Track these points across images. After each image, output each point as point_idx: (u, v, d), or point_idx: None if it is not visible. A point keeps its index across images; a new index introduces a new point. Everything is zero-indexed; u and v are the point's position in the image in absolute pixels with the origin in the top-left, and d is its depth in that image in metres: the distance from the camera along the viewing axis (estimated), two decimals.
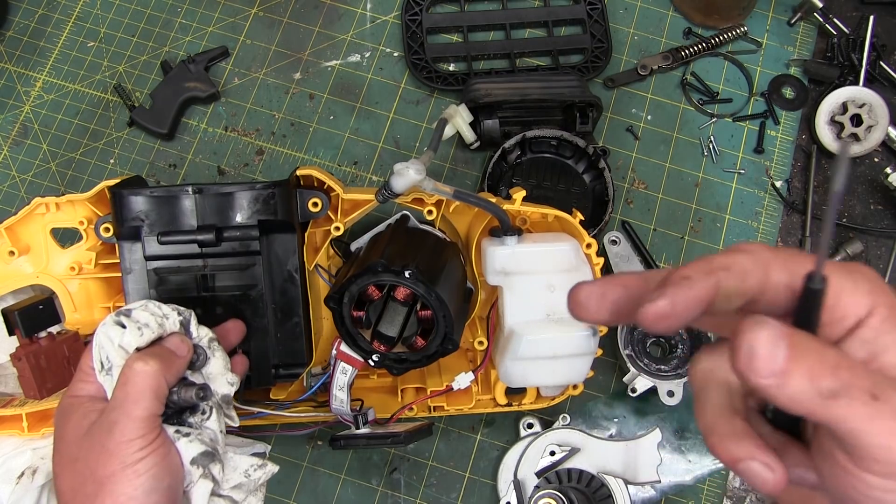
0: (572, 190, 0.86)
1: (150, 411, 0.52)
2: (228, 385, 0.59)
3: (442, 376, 0.75)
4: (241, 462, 0.58)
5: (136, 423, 0.51)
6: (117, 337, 0.54)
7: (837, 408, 0.29)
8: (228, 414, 0.59)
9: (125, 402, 0.52)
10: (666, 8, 0.96)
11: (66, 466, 0.53)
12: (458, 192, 0.66)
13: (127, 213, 0.66)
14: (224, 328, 0.65)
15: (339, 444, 0.70)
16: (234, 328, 0.66)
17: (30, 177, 0.91)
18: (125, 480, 0.50)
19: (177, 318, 0.58)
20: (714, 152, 0.90)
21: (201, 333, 0.59)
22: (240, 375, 0.62)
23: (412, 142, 0.91)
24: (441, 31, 0.95)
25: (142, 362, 0.52)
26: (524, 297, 0.69)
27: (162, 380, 0.53)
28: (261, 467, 0.59)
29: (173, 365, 0.55)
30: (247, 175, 0.90)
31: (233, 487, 0.57)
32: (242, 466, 0.58)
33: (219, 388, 0.58)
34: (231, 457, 0.58)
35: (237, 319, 0.66)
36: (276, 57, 0.95)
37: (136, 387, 0.52)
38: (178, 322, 0.58)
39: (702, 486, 0.79)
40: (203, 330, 0.59)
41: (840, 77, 0.91)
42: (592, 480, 0.74)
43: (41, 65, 0.95)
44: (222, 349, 0.59)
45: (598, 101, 0.84)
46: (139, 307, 0.57)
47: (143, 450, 0.51)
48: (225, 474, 0.56)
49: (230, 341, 0.65)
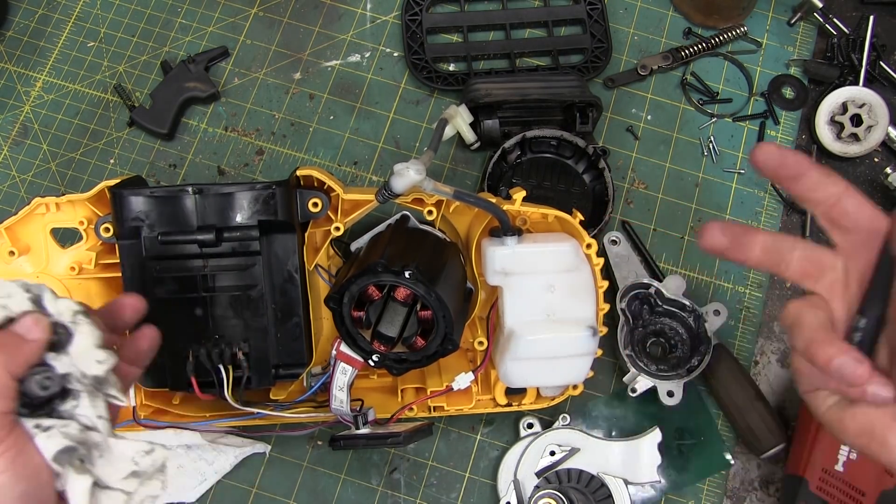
0: (572, 190, 0.86)
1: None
2: (97, 364, 0.50)
3: (442, 376, 0.75)
4: (126, 449, 0.51)
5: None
6: None
7: None
8: (109, 394, 0.51)
9: None
10: (666, 8, 0.96)
11: None
12: (458, 193, 0.66)
13: (127, 213, 0.66)
14: (118, 303, 0.57)
15: (339, 444, 0.71)
16: (130, 303, 0.57)
17: (30, 177, 0.91)
18: None
19: (24, 296, 0.50)
20: (714, 152, 0.90)
21: (60, 308, 0.51)
22: (147, 350, 0.55)
23: (412, 142, 0.91)
24: (441, 31, 0.95)
25: None
26: (524, 297, 0.69)
27: (4, 373, 0.46)
28: (148, 454, 0.52)
29: (21, 352, 0.47)
30: (247, 175, 0.90)
31: (124, 478, 0.51)
32: (128, 454, 0.51)
33: (87, 369, 0.50)
34: (115, 443, 0.51)
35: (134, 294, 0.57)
36: (276, 57, 0.95)
37: None
38: (27, 300, 0.50)
39: (702, 486, 0.79)
40: (63, 303, 0.51)
41: (840, 77, 0.91)
42: (592, 480, 0.74)
43: (41, 65, 0.95)
44: (90, 323, 0.51)
45: (598, 101, 0.84)
46: None
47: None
48: (112, 464, 0.50)
49: (125, 319, 0.56)
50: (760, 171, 0.47)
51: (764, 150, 0.46)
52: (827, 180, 0.45)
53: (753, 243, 0.47)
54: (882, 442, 0.43)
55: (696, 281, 0.86)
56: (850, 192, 0.45)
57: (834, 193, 0.45)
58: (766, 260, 0.47)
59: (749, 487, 0.79)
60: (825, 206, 0.45)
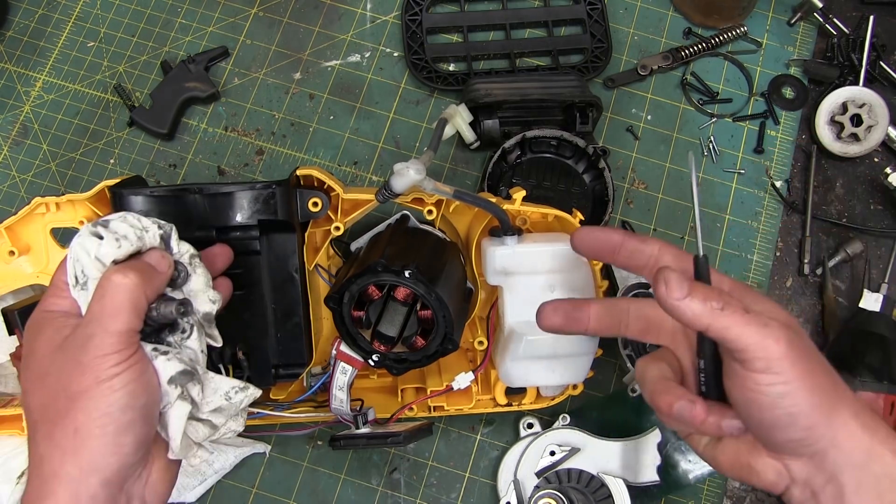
0: (572, 190, 0.86)
1: (128, 326, 0.49)
2: (210, 302, 0.56)
3: (442, 376, 0.75)
4: (221, 384, 0.54)
5: (112, 338, 0.48)
6: (94, 248, 0.51)
7: (723, 317, 0.44)
8: (210, 333, 0.56)
9: (102, 315, 0.49)
10: (666, 8, 0.96)
11: (35, 382, 0.50)
12: (458, 192, 0.66)
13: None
14: (211, 252, 0.61)
15: (339, 444, 0.71)
16: (221, 253, 0.62)
17: (30, 177, 0.91)
18: (99, 396, 0.47)
19: (157, 232, 0.54)
20: (714, 152, 0.90)
21: (182, 249, 0.56)
22: (224, 296, 0.59)
23: (412, 142, 0.91)
24: (441, 31, 0.95)
25: (121, 275, 0.49)
26: (524, 297, 0.69)
27: (141, 294, 0.49)
28: (242, 390, 0.55)
29: (153, 279, 0.51)
30: (247, 175, 0.90)
31: (212, 411, 0.54)
32: (223, 388, 0.54)
33: (200, 306, 0.55)
34: (212, 377, 0.54)
35: (224, 244, 0.63)
36: (276, 57, 0.95)
37: (114, 300, 0.49)
38: (159, 236, 0.54)
39: (702, 486, 0.79)
40: (184, 246, 0.56)
41: (840, 77, 0.91)
42: (592, 480, 0.74)
43: (41, 65, 0.95)
44: (204, 266, 0.56)
45: (598, 101, 0.84)
46: (118, 218, 0.53)
47: (119, 365, 0.48)
48: (205, 396, 0.53)
49: (217, 267, 0.61)
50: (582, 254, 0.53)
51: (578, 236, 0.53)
52: (641, 246, 0.50)
53: (585, 317, 0.53)
54: (749, 471, 0.48)
55: None
56: (665, 248, 0.50)
57: (651, 254, 0.50)
58: (603, 328, 0.53)
59: (749, 487, 0.79)
60: (649, 268, 0.50)
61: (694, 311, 0.44)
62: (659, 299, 0.45)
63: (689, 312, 0.44)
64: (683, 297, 0.44)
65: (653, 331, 0.53)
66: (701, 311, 0.44)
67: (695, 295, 0.44)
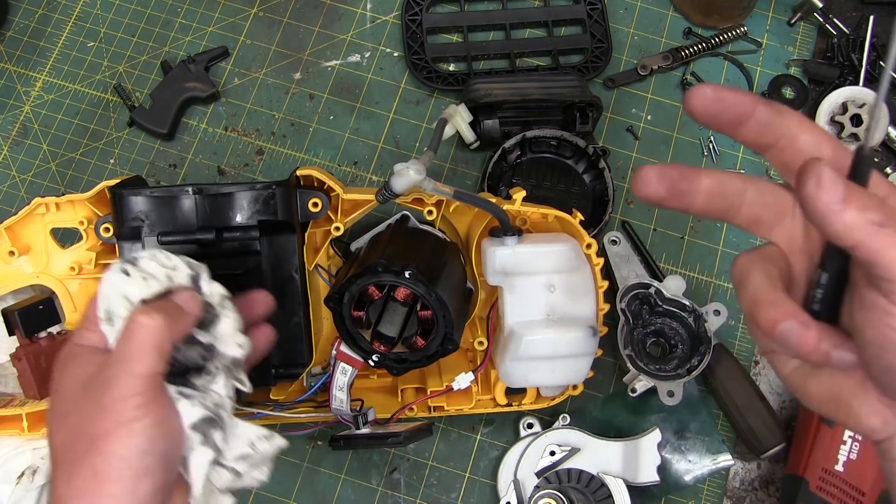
0: (572, 190, 0.86)
1: (151, 369, 0.48)
2: (238, 348, 0.54)
3: (442, 376, 0.75)
4: (247, 431, 0.54)
5: (135, 380, 0.47)
6: (121, 286, 0.51)
7: (880, 237, 0.34)
8: (239, 378, 0.55)
9: (126, 357, 0.48)
10: (666, 8, 0.96)
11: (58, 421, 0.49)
12: (458, 193, 0.66)
13: (127, 213, 0.66)
14: (252, 297, 0.60)
15: (339, 444, 0.71)
16: (261, 299, 0.60)
17: (30, 177, 0.91)
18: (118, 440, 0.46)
19: (187, 272, 0.54)
20: (714, 152, 0.90)
21: (213, 290, 0.55)
22: (264, 348, 0.58)
23: (412, 142, 0.91)
24: (441, 31, 0.95)
25: (146, 316, 0.49)
26: (524, 297, 0.69)
27: (166, 336, 0.49)
28: (268, 439, 0.54)
29: (180, 321, 0.51)
30: (247, 175, 0.90)
31: (237, 458, 0.53)
32: (248, 436, 0.54)
33: (227, 350, 0.54)
34: (237, 424, 0.53)
35: (265, 291, 0.61)
36: (276, 57, 0.95)
37: (138, 342, 0.48)
38: (188, 276, 0.54)
39: (702, 486, 0.79)
40: (215, 286, 0.55)
41: (840, 77, 0.91)
42: (592, 480, 0.74)
43: (41, 65, 0.95)
44: (234, 309, 0.55)
45: (598, 101, 0.84)
46: (147, 256, 0.53)
47: (140, 409, 0.47)
48: (229, 443, 0.52)
49: (256, 313, 0.60)
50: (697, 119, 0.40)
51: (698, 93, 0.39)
52: (777, 119, 0.39)
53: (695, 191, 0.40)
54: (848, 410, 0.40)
55: (696, 281, 0.86)
56: (805, 128, 0.39)
57: (786, 134, 0.39)
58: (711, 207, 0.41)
59: (749, 487, 0.79)
60: (777, 150, 0.40)
61: (846, 223, 0.34)
62: (804, 199, 0.35)
63: (840, 224, 0.34)
64: (837, 203, 0.34)
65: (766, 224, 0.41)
66: (854, 225, 0.34)
67: (851, 202, 0.34)
